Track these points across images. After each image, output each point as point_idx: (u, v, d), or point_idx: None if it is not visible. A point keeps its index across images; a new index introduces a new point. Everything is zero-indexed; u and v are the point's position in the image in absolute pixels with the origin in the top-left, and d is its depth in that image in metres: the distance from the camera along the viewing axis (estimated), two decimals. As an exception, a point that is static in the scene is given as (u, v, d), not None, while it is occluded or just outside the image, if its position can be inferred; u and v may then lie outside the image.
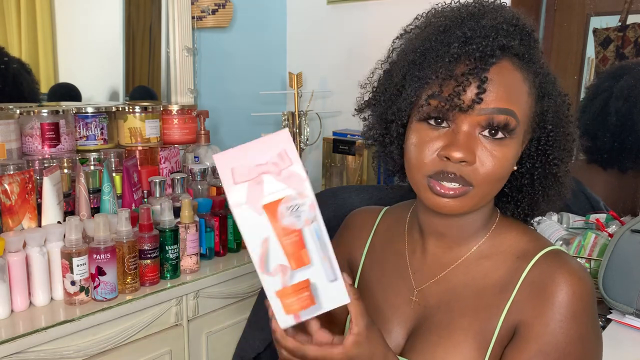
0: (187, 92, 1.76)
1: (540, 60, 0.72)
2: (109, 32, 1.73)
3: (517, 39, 0.69)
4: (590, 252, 1.26)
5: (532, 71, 0.71)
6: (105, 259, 1.09)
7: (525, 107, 0.69)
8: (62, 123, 1.36)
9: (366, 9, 1.92)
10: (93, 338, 1.08)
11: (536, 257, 0.72)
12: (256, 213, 0.59)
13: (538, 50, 0.72)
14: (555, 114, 0.73)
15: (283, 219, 0.60)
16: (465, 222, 0.76)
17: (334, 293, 0.63)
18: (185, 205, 1.26)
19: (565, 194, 0.78)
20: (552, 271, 0.70)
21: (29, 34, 1.51)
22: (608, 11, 1.60)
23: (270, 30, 2.11)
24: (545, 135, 0.73)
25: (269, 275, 0.60)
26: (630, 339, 1.05)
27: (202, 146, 1.64)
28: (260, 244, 0.60)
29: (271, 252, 0.60)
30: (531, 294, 0.70)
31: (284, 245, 0.60)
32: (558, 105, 0.74)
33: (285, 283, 0.61)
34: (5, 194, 1.10)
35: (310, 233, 0.61)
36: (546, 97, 0.72)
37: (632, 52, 1.55)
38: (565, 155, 0.75)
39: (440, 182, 0.68)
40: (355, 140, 1.79)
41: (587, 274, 0.71)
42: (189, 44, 1.75)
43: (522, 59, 0.70)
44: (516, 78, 0.69)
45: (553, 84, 0.74)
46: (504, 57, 0.68)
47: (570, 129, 0.75)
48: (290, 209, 0.60)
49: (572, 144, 0.76)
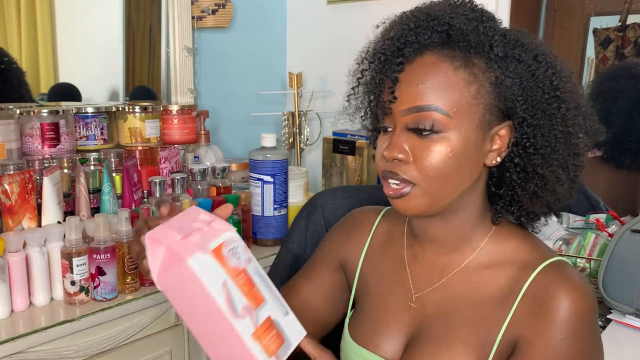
0: (187, 92, 1.76)
1: (493, 44, 0.68)
2: (109, 32, 1.73)
3: (435, 30, 0.69)
4: (590, 252, 1.26)
5: (475, 56, 0.68)
6: (105, 259, 1.09)
7: (460, 95, 0.67)
8: (62, 123, 1.36)
9: (366, 9, 1.92)
10: (93, 338, 1.08)
11: (538, 268, 0.70)
12: (210, 258, 0.59)
13: (486, 33, 0.69)
14: (531, 105, 0.69)
15: (229, 261, 0.61)
16: (450, 225, 0.74)
17: (292, 326, 0.64)
18: (185, 205, 1.26)
19: (563, 197, 0.73)
20: (554, 285, 0.68)
21: (29, 34, 1.51)
22: (608, 11, 1.60)
23: (270, 30, 2.11)
24: (520, 122, 0.69)
25: (240, 319, 0.59)
26: (630, 339, 1.05)
27: (202, 146, 1.64)
28: (221, 288, 0.58)
29: (233, 294, 0.59)
30: (532, 308, 0.68)
31: (239, 286, 0.60)
32: (535, 89, 0.69)
33: (255, 323, 0.60)
34: (5, 194, 1.10)
35: (253, 271, 0.64)
36: (516, 80, 0.68)
37: (632, 52, 1.55)
38: (556, 146, 0.70)
39: (386, 181, 0.71)
40: (355, 140, 1.79)
41: (589, 288, 0.70)
42: (189, 44, 1.75)
43: (452, 48, 0.68)
44: (442, 69, 0.68)
45: (531, 73, 0.69)
46: (426, 51, 0.68)
47: (558, 116, 0.69)
48: (231, 252, 0.62)
49: (567, 136, 0.70)
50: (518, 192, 0.72)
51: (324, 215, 1.05)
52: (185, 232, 0.60)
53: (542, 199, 0.72)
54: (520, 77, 0.68)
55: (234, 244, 0.63)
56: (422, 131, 0.68)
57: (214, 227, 0.63)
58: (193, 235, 0.60)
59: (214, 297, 0.57)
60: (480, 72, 0.68)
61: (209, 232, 0.62)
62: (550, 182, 0.71)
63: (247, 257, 0.65)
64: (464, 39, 0.68)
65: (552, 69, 0.70)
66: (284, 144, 1.89)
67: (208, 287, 0.57)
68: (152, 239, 0.60)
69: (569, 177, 0.72)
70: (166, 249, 0.59)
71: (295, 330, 0.65)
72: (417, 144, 0.68)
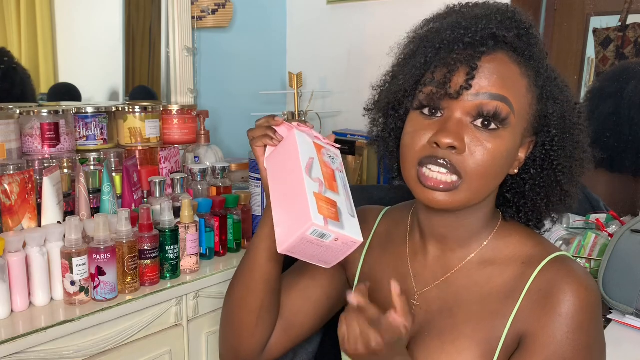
0: (187, 92, 1.76)
1: (542, 61, 0.71)
2: (109, 32, 1.73)
3: (512, 32, 0.69)
4: (590, 252, 1.26)
5: (532, 68, 0.70)
6: (105, 259, 1.09)
7: (523, 100, 0.68)
8: (62, 123, 1.36)
9: (366, 9, 1.92)
10: (93, 338, 1.08)
11: (542, 263, 0.71)
12: (310, 141, 0.76)
13: (540, 49, 0.71)
14: (560, 119, 0.72)
15: (324, 157, 0.75)
16: (465, 223, 0.75)
17: (353, 226, 0.69)
18: (185, 205, 1.26)
19: (570, 203, 0.76)
20: (559, 280, 0.69)
21: (29, 34, 1.51)
22: (608, 11, 1.60)
23: (270, 30, 2.11)
24: (549, 140, 0.72)
25: (310, 179, 0.69)
26: (630, 339, 1.05)
27: (202, 146, 1.64)
28: (308, 158, 0.72)
29: (314, 167, 0.72)
30: (537, 302, 0.69)
31: (323, 171, 0.73)
32: (565, 110, 0.72)
33: (321, 191, 0.69)
34: (5, 194, 1.10)
35: (340, 177, 0.75)
36: (551, 100, 0.71)
37: (632, 52, 1.55)
38: (573, 164, 0.73)
39: (428, 167, 0.67)
40: (355, 140, 1.79)
41: (593, 282, 0.70)
42: (189, 44, 1.75)
43: (520, 54, 0.69)
44: (512, 71, 0.68)
45: (561, 90, 0.73)
46: (499, 50, 0.68)
47: (580, 137, 0.74)
48: (329, 156, 0.77)
49: (582, 154, 0.74)
50: (529, 200, 0.76)
51: (324, 216, 1.04)
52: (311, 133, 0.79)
53: (552, 209, 0.77)
54: (554, 98, 0.72)
55: (332, 154, 0.78)
56: (492, 122, 0.66)
57: (320, 137, 0.80)
58: (313, 137, 0.79)
59: (300, 159, 0.71)
60: (534, 86, 0.70)
61: (324, 141, 0.80)
62: (565, 191, 0.74)
63: (340, 168, 0.76)
64: (530, 49, 0.69)
65: (563, 81, 0.75)
66: (284, 144, 1.88)
67: (300, 151, 0.72)
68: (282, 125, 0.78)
69: (574, 190, 0.76)
70: (287, 128, 0.78)
71: (354, 230, 0.68)
72: (477, 136, 0.67)
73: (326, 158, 0.76)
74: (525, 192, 0.76)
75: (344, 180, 0.75)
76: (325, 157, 0.76)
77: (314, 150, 0.75)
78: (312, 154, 0.73)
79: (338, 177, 0.74)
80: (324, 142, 0.79)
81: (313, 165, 0.72)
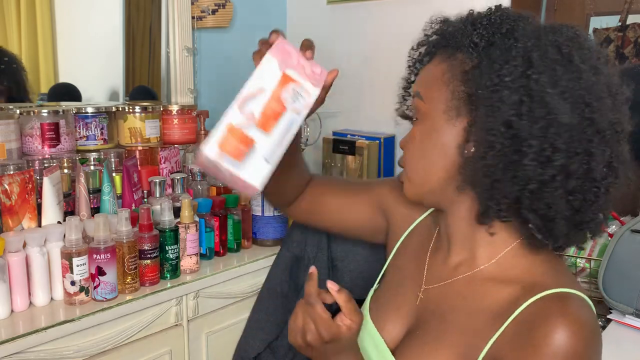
0: (187, 92, 1.76)
1: (473, 37, 0.67)
2: (109, 32, 1.73)
3: (438, 33, 0.74)
4: (590, 252, 1.26)
5: (456, 53, 0.70)
6: (105, 259, 1.09)
7: (437, 93, 0.71)
8: (62, 123, 1.36)
9: (366, 9, 1.92)
10: (93, 338, 1.08)
11: (541, 294, 0.65)
12: (277, 70, 0.72)
13: (475, 29, 0.68)
14: (486, 130, 0.64)
15: (283, 93, 0.71)
16: (450, 223, 0.75)
17: (256, 171, 0.68)
18: (185, 205, 1.26)
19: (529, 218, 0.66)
20: (547, 316, 0.62)
21: (29, 34, 1.51)
22: (608, 11, 1.60)
23: (270, 30, 2.10)
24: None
25: (238, 111, 0.69)
26: (630, 339, 1.05)
27: (202, 146, 1.64)
28: (256, 89, 0.70)
29: (257, 100, 0.70)
30: (520, 333, 0.64)
31: (268, 106, 0.70)
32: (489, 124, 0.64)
33: (241, 126, 0.68)
34: (5, 194, 1.10)
35: (287, 119, 0.70)
36: (473, 107, 0.66)
37: (632, 52, 1.55)
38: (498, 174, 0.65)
39: None
40: (355, 140, 1.79)
41: (588, 330, 0.62)
42: (189, 44, 1.75)
43: (446, 48, 0.72)
44: (432, 64, 0.74)
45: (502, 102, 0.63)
46: (436, 53, 0.74)
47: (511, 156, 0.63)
48: (294, 92, 0.72)
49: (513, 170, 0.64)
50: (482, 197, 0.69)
51: (324, 216, 1.05)
52: (297, 55, 0.75)
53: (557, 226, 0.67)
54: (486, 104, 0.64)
55: (303, 94, 0.73)
56: (413, 117, 0.75)
57: (317, 79, 0.74)
58: (298, 62, 0.74)
59: (247, 85, 0.71)
60: (458, 63, 0.69)
61: (307, 75, 0.74)
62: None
63: (298, 110, 0.72)
64: (450, 40, 0.71)
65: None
66: (284, 144, 1.88)
67: (253, 77, 0.71)
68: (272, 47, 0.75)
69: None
70: (272, 47, 0.75)
71: (254, 175, 0.68)
72: (409, 132, 0.76)
73: (285, 94, 0.71)
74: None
75: (292, 122, 0.71)
76: (285, 94, 0.71)
77: (274, 82, 0.71)
78: (266, 85, 0.71)
79: (286, 117, 0.70)
80: (302, 77, 0.73)
81: (256, 97, 0.70)
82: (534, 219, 0.66)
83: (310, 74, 0.74)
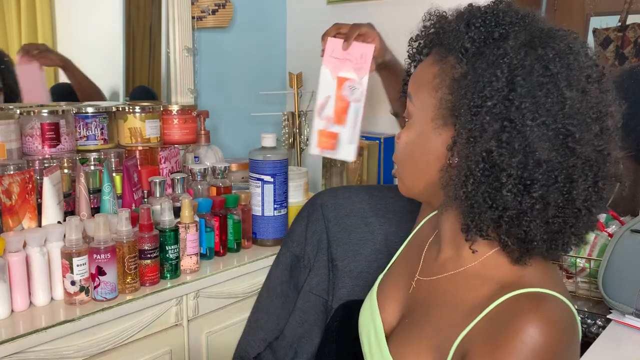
0: (187, 92, 1.76)
1: (464, 42, 0.66)
2: (109, 32, 1.73)
3: (432, 31, 0.74)
4: (590, 252, 1.26)
5: (448, 55, 0.69)
6: (105, 259, 1.09)
7: (426, 97, 0.70)
8: (62, 123, 1.36)
9: (366, 9, 1.92)
10: (93, 338, 1.08)
11: (517, 292, 0.64)
12: (332, 78, 1.03)
13: (467, 32, 0.66)
14: (466, 157, 0.64)
15: (343, 91, 1.01)
16: (442, 221, 0.77)
17: (347, 151, 1.03)
18: (185, 205, 1.26)
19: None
20: (519, 312, 0.61)
21: (29, 34, 1.51)
22: (608, 11, 1.60)
23: (270, 30, 2.11)
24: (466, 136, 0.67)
25: (320, 119, 1.02)
26: (630, 339, 1.05)
27: (202, 146, 1.64)
28: (324, 97, 1.02)
29: (328, 105, 1.02)
30: (488, 329, 0.63)
31: (336, 107, 1.01)
32: (463, 137, 0.64)
33: (325, 127, 1.02)
34: (6, 194, 1.10)
35: (353, 108, 1.01)
36: (457, 122, 0.65)
37: (631, 52, 1.55)
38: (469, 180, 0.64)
39: None
40: (355, 140, 1.79)
41: (560, 330, 0.61)
42: (189, 44, 1.75)
43: (439, 48, 0.71)
44: (423, 65, 0.74)
45: (477, 119, 0.63)
46: (433, 49, 0.74)
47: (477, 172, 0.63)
48: (350, 87, 1.01)
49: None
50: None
51: (324, 215, 1.05)
52: (347, 54, 1.02)
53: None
54: (462, 119, 0.64)
55: (356, 85, 1.01)
56: (405, 118, 0.76)
57: (362, 70, 1.01)
58: (345, 60, 1.02)
59: (318, 98, 1.03)
60: (449, 68, 0.68)
61: (354, 66, 1.01)
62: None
63: (358, 99, 1.00)
64: (444, 40, 0.70)
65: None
66: (284, 144, 1.89)
67: (319, 91, 1.03)
68: (331, 41, 1.06)
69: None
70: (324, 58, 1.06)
71: (347, 153, 1.03)
72: None
73: (345, 91, 1.01)
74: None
75: (357, 109, 1.01)
76: (345, 91, 1.01)
77: (333, 86, 1.02)
78: (330, 91, 1.02)
79: (352, 108, 1.01)
80: (351, 72, 1.01)
81: (327, 103, 1.02)
82: (512, 242, 0.66)
83: (355, 63, 1.01)
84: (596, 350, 1.00)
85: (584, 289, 1.26)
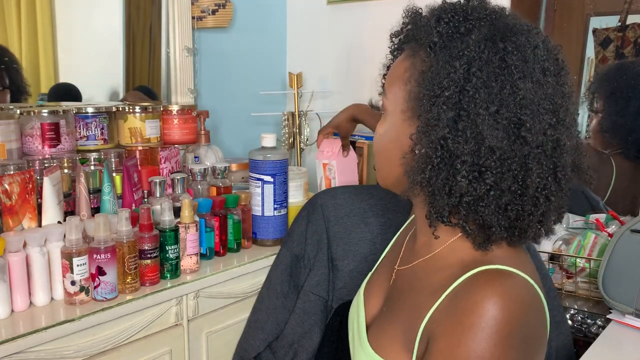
0: (187, 92, 1.76)
1: (432, 36, 0.67)
2: (109, 32, 1.73)
3: (405, 28, 0.76)
4: (590, 252, 1.26)
5: (419, 49, 0.70)
6: (105, 259, 1.09)
7: (397, 91, 0.73)
8: (62, 123, 1.36)
9: (366, 9, 1.92)
10: (93, 338, 1.08)
11: (478, 269, 0.65)
12: (320, 165, 1.52)
13: (435, 27, 0.67)
14: (425, 144, 0.67)
15: (326, 172, 1.49)
16: (415, 210, 0.80)
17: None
18: (185, 205, 1.26)
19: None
20: (477, 287, 0.62)
21: (29, 34, 1.51)
22: (608, 11, 1.60)
23: (270, 30, 2.11)
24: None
25: (323, 186, 1.51)
26: (630, 339, 1.05)
27: (202, 146, 1.64)
28: (320, 178, 1.49)
29: (322, 183, 1.54)
30: (450, 306, 0.64)
31: (326, 182, 1.52)
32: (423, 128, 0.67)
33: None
34: (6, 194, 1.10)
35: (333, 180, 1.49)
36: (420, 116, 0.67)
37: (631, 52, 1.55)
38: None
39: None
40: (356, 140, 1.79)
41: (517, 305, 0.61)
42: (189, 44, 1.75)
43: (411, 43, 0.73)
44: (398, 60, 0.75)
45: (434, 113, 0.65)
46: (409, 44, 0.75)
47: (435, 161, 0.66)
48: (328, 169, 1.48)
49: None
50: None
51: (324, 215, 1.05)
52: (323, 148, 1.51)
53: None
54: (423, 115, 0.67)
55: (332, 167, 1.48)
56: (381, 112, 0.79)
57: (332, 154, 1.50)
58: (323, 152, 1.51)
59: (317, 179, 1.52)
60: (419, 62, 0.70)
61: (327, 155, 1.50)
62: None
63: (332, 176, 1.45)
64: (417, 35, 0.72)
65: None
66: (284, 144, 1.89)
67: (317, 177, 1.53)
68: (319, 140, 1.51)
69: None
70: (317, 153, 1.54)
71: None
72: None
73: (328, 173, 1.49)
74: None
75: (334, 180, 1.47)
76: (328, 172, 1.49)
77: (321, 170, 1.51)
78: (320, 173, 1.51)
79: (332, 182, 1.50)
80: (329, 159, 1.50)
81: (321, 182, 1.52)
82: (470, 228, 0.67)
83: (328, 153, 1.49)
84: (596, 350, 1.00)
85: (583, 289, 1.26)
